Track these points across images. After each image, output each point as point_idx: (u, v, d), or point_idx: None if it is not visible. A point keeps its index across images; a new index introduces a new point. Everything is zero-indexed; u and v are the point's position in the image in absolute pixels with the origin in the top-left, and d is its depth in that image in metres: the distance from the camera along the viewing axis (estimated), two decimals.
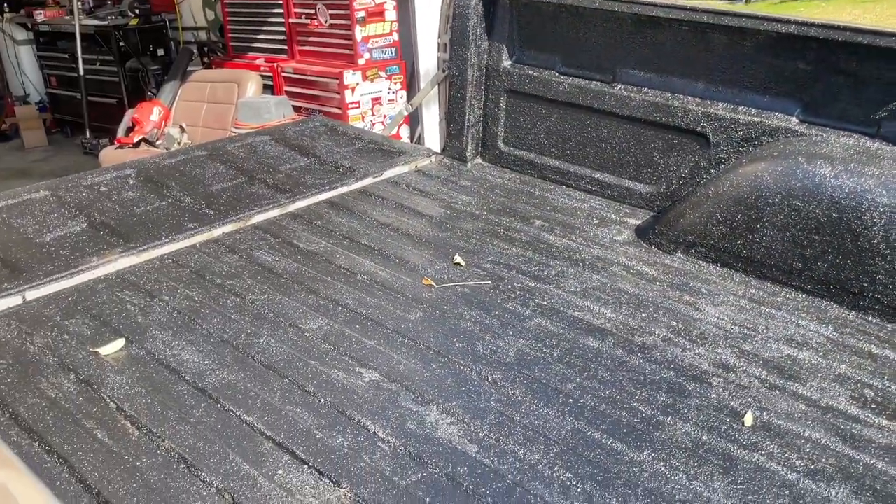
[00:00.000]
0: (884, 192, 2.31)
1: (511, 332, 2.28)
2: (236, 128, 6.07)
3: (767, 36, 2.69)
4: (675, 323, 2.33)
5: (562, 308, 2.41)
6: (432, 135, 4.19)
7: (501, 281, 2.58)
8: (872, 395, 2.01)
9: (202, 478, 1.68)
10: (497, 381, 2.05)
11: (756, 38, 2.72)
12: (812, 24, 2.56)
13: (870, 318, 2.38)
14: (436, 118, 4.01)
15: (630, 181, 3.19)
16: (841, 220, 2.37)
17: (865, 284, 2.37)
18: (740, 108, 2.83)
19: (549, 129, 3.42)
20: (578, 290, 2.52)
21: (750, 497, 1.66)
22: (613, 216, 3.10)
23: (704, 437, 1.84)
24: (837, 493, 1.68)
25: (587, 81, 3.22)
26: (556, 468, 1.74)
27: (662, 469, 1.74)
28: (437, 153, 3.78)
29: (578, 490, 1.68)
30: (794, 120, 2.72)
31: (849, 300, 2.42)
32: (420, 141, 6.31)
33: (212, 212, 3.04)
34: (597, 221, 3.06)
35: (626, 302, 2.45)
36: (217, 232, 2.91)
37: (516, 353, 2.18)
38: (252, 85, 6.48)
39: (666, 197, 3.07)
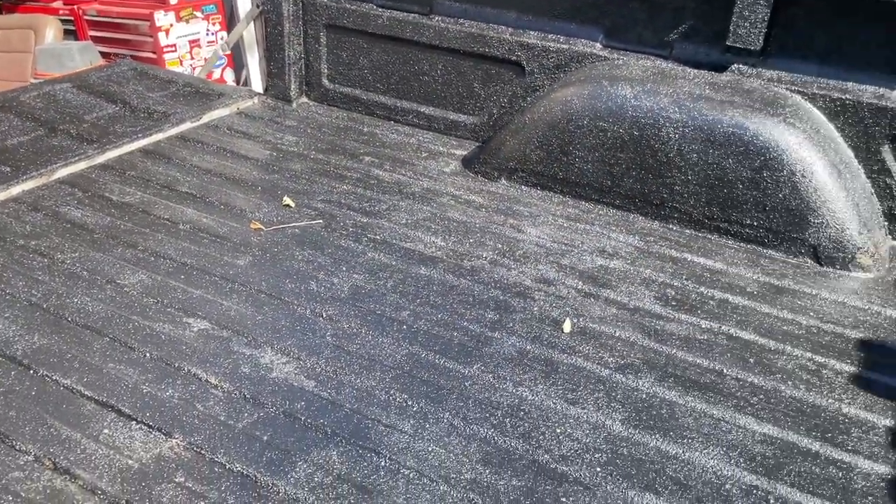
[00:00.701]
0: (676, 109, 2.51)
1: (345, 269, 2.29)
2: (36, 78, 5.52)
3: None
4: (500, 245, 2.45)
5: (394, 241, 2.45)
6: (258, 77, 4.06)
7: (333, 219, 2.57)
8: (673, 293, 2.23)
9: (17, 447, 1.58)
10: (332, 316, 2.06)
11: None
12: None
13: (670, 226, 2.61)
14: (258, 59, 3.85)
15: (455, 113, 3.25)
16: (642, 137, 2.56)
17: (665, 196, 2.59)
18: (550, 37, 2.94)
19: (372, 65, 3.39)
20: (409, 222, 2.57)
21: (569, 395, 1.81)
22: (441, 149, 3.16)
23: (528, 347, 1.97)
24: (643, 383, 1.86)
25: (405, 14, 3.21)
26: (392, 392, 1.80)
27: (491, 380, 1.85)
28: (259, 94, 3.65)
29: (414, 409, 1.75)
30: (598, 45, 2.87)
31: (652, 211, 2.63)
32: (247, 84, 6.06)
33: (8, 168, 2.78)
34: (425, 155, 3.11)
35: (455, 230, 2.53)
36: (16, 190, 2.67)
37: (350, 287, 2.20)
38: (50, 30, 5.88)
39: (489, 127, 3.17)
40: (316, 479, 1.55)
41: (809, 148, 2.39)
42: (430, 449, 1.64)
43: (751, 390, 1.85)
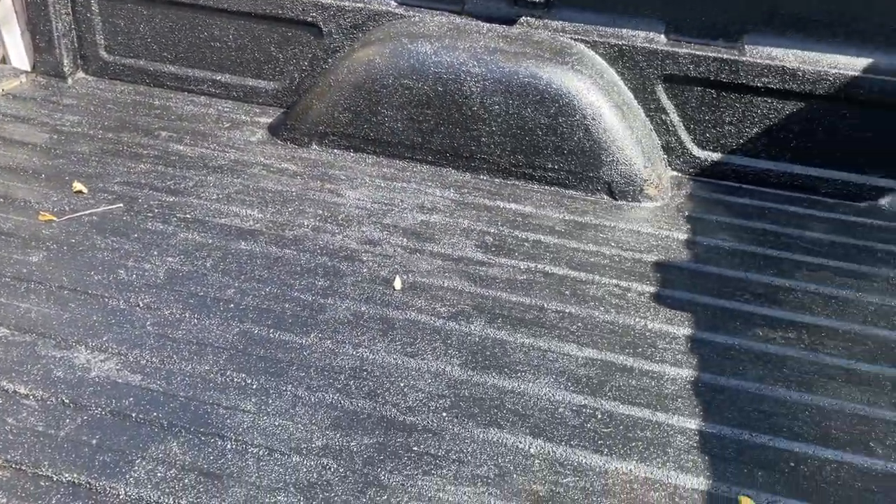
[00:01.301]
0: (475, 64, 2.59)
1: (156, 253, 2.15)
2: None
3: None
4: (320, 212, 2.42)
5: (207, 217, 2.34)
6: (20, 54, 3.60)
7: (135, 201, 2.39)
8: (491, 240, 2.34)
9: None
10: (150, 304, 1.94)
11: None
12: None
13: (481, 177, 2.72)
14: (18, 32, 3.43)
15: (253, 80, 3.13)
16: (445, 92, 2.62)
17: (474, 148, 2.69)
18: None
19: (156, 32, 3.15)
20: (221, 196, 2.46)
21: (408, 349, 1.85)
22: (244, 118, 3.03)
23: (363, 308, 1.98)
24: (475, 327, 1.95)
25: None
26: (228, 373, 1.74)
27: (330, 346, 1.84)
28: (26, 72, 3.26)
29: (254, 387, 1.71)
30: (394, 3, 2.88)
31: (463, 164, 2.73)
32: (6, 63, 5.38)
33: None
34: (227, 125, 2.97)
35: (272, 200, 2.46)
36: None
37: (166, 272, 2.07)
38: None
39: (292, 92, 3.08)
40: (158, 474, 1.47)
41: (596, 92, 2.59)
42: (276, 423, 1.61)
43: (570, 320, 2.00)
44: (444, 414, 1.67)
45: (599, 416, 1.69)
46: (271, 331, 1.88)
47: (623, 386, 1.79)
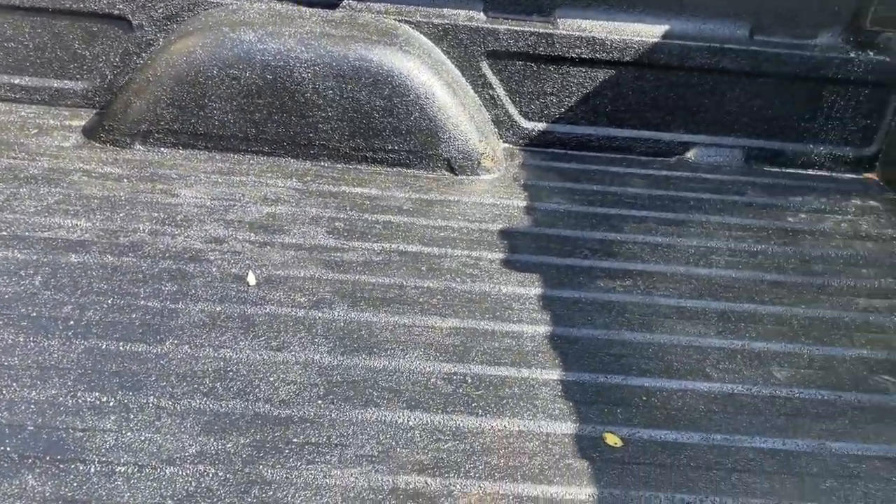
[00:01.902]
0: (304, 49, 2.56)
1: None
2: None
3: None
4: (156, 214, 2.29)
5: (27, 233, 2.14)
6: None
7: None
8: (342, 226, 2.33)
9: None
10: None
11: None
12: None
13: (322, 164, 2.69)
14: None
15: (58, 81, 2.88)
16: (276, 80, 2.57)
17: (312, 135, 2.65)
18: None
19: None
20: (40, 208, 2.26)
21: (273, 343, 1.82)
22: (52, 122, 2.79)
23: (218, 309, 1.91)
24: (338, 312, 1.95)
25: None
26: (79, 394, 1.61)
27: (188, 350, 1.76)
28: None
29: (111, 404, 1.60)
30: None
31: (302, 152, 2.68)
32: None
33: None
34: (35, 131, 2.71)
35: (99, 207, 2.29)
36: None
37: None
38: None
39: (104, 91, 2.87)
40: None
41: (427, 72, 2.64)
42: (142, 438, 1.53)
43: (429, 294, 2.05)
44: (320, 402, 1.66)
45: (470, 381, 1.76)
46: (121, 344, 1.76)
47: (487, 349, 1.87)
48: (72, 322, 1.81)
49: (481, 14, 2.82)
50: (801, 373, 1.89)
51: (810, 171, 3.05)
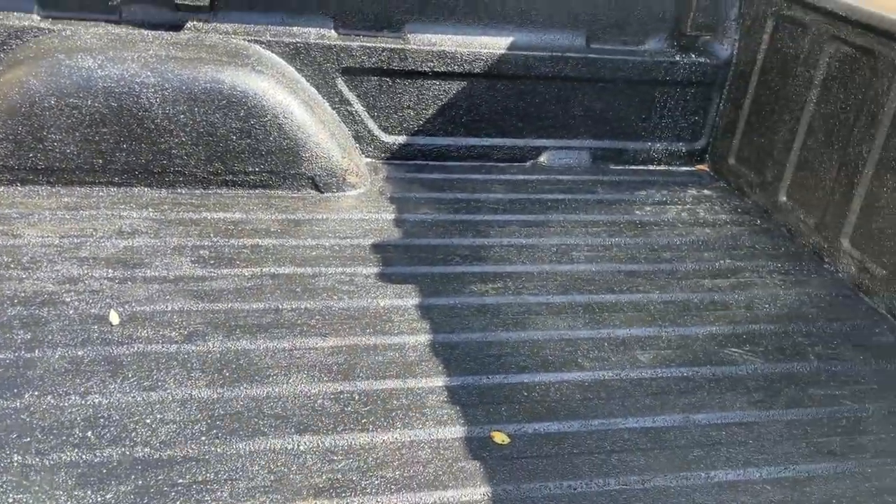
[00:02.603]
0: (150, 74, 2.46)
1: None
2: None
3: None
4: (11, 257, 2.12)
5: None
6: None
7: None
8: (207, 253, 2.26)
9: None
10: None
11: None
12: None
13: (179, 191, 2.59)
14: None
15: None
16: (121, 108, 2.45)
17: (165, 162, 2.55)
18: None
19: None
20: None
21: (146, 383, 1.73)
22: None
23: (80, 353, 1.80)
24: (213, 343, 1.88)
25: None
26: None
27: (52, 401, 1.64)
28: None
29: None
30: (36, 17, 2.60)
31: (156, 180, 2.57)
32: None
33: None
34: None
35: None
36: None
37: None
38: None
39: None
40: None
41: (282, 91, 2.62)
42: (10, 500, 1.41)
43: (307, 315, 2.03)
44: (203, 438, 1.60)
45: (357, 398, 1.76)
46: None
47: (371, 364, 1.87)
48: None
49: (333, 31, 2.83)
50: (661, 354, 2.04)
51: (650, 167, 3.29)
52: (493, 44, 2.96)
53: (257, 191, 2.66)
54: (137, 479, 1.48)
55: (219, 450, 1.58)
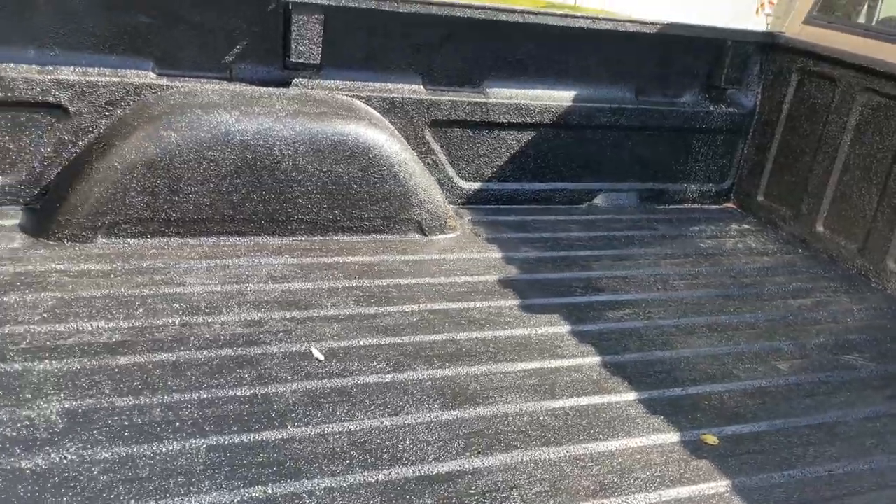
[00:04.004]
0: (282, 127, 2.58)
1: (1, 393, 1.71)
2: None
3: None
4: (176, 306, 2.16)
5: (49, 342, 1.92)
6: None
7: None
8: (361, 294, 2.38)
9: None
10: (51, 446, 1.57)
11: None
12: None
13: (299, 238, 2.70)
14: None
15: None
16: (255, 159, 2.55)
17: (290, 211, 2.65)
18: (94, 71, 2.59)
19: None
20: (44, 316, 2.03)
21: (386, 409, 1.84)
22: None
23: (309, 386, 1.88)
24: (423, 373, 2.01)
25: None
26: (242, 490, 1.53)
27: (314, 431, 1.73)
28: None
29: (277, 494, 1.54)
30: (152, 75, 2.68)
31: (279, 229, 2.67)
32: None
33: None
34: None
35: (108, 306, 2.11)
36: None
37: (60, 410, 1.68)
38: None
39: (32, 184, 2.62)
40: None
41: (394, 142, 2.79)
42: None
43: (483, 343, 2.19)
44: (467, 453, 1.72)
45: (572, 413, 1.93)
46: (244, 435, 1.68)
47: (566, 383, 2.05)
48: (177, 423, 1.69)
49: (422, 87, 3.04)
50: (793, 363, 2.32)
51: (686, 206, 3.65)
52: (559, 97, 3.25)
53: (370, 236, 2.79)
54: (433, 493, 1.59)
55: (486, 462, 1.71)
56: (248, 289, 2.31)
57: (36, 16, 2.50)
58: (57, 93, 2.54)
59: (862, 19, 3.37)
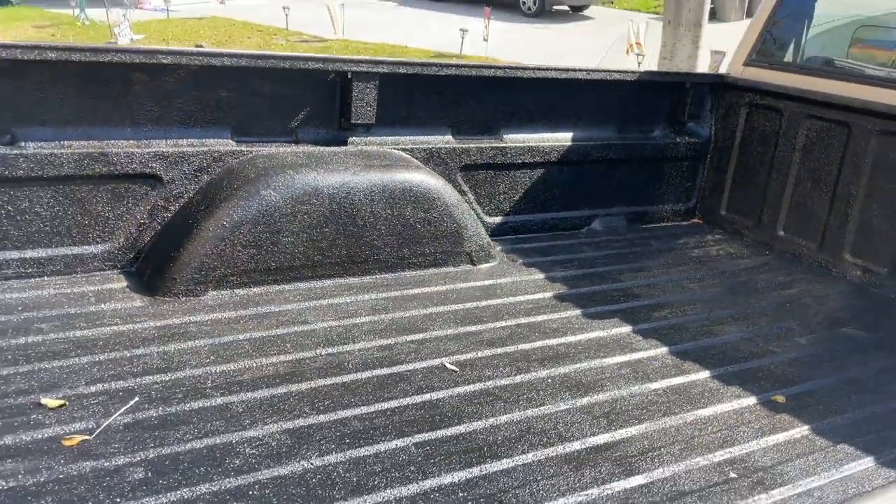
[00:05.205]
0: (359, 179, 2.94)
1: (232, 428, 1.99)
2: None
3: (188, 69, 2.81)
4: (313, 340, 2.47)
5: (231, 379, 2.19)
6: None
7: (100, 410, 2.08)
8: (457, 317, 2.76)
9: None
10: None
11: (177, 73, 2.80)
12: (228, 55, 2.84)
13: (374, 276, 3.04)
14: None
15: (77, 247, 2.77)
16: (340, 209, 2.90)
17: (368, 252, 3.00)
18: (184, 142, 2.87)
19: None
20: (211, 359, 2.28)
21: (511, 405, 2.23)
22: (94, 288, 2.68)
23: (470, 389, 2.24)
24: (542, 373, 2.41)
25: None
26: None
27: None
28: None
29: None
30: (232, 142, 2.98)
31: (357, 269, 3.01)
32: None
33: None
34: (93, 299, 2.60)
35: (256, 348, 2.39)
36: None
37: (278, 439, 1.97)
38: None
39: (128, 249, 2.84)
40: None
41: (445, 186, 3.20)
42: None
43: (583, 347, 2.62)
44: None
45: (746, 413, 2.38)
46: (429, 433, 2.02)
47: (707, 390, 2.51)
48: (380, 429, 2.01)
49: (451, 138, 3.48)
50: (809, 338, 2.88)
51: (663, 224, 4.24)
52: (560, 138, 3.78)
53: (431, 269, 3.18)
54: (604, 459, 2.00)
55: (628, 434, 2.13)
56: (362, 321, 2.64)
57: (133, 97, 2.76)
58: (153, 164, 2.80)
59: (789, 59, 4.11)
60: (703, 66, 9.65)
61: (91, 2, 16.49)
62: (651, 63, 13.20)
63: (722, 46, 11.12)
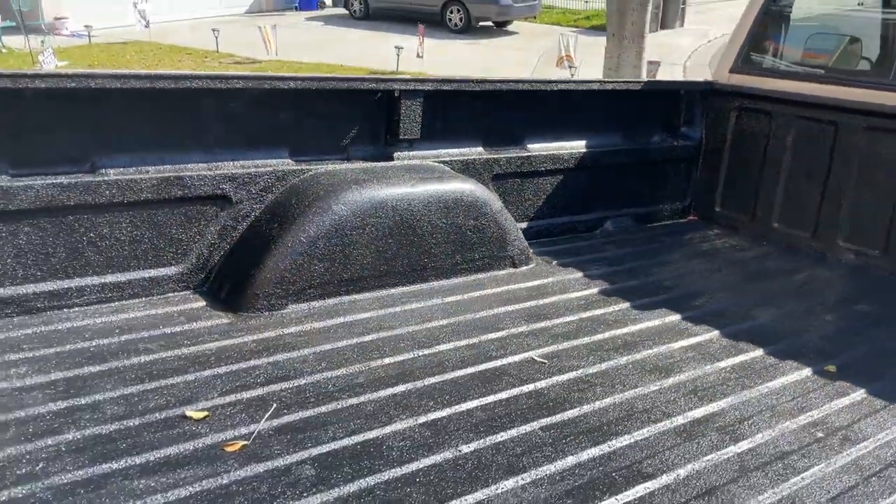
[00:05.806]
0: (416, 191, 3.10)
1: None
2: None
3: (251, 93, 2.92)
4: (406, 343, 2.61)
5: (355, 380, 2.31)
6: None
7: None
8: (525, 317, 2.94)
9: None
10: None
11: (241, 97, 2.90)
12: (292, 78, 2.97)
13: (432, 283, 3.19)
14: None
15: (153, 270, 2.82)
16: (402, 220, 3.04)
17: (426, 261, 3.16)
18: (250, 164, 2.96)
19: (19, 251, 2.54)
20: (321, 366, 2.40)
21: (603, 391, 2.43)
22: (178, 308, 2.74)
23: (566, 378, 2.43)
24: (623, 360, 2.62)
25: (64, 178, 2.59)
26: None
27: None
28: None
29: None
30: (291, 162, 3.09)
31: (417, 277, 3.15)
32: None
33: None
34: (181, 319, 2.67)
35: (359, 354, 2.51)
36: None
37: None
38: None
39: (200, 269, 2.91)
40: None
41: (491, 194, 3.39)
42: None
43: (646, 335, 2.84)
44: (678, 406, 2.36)
45: (805, 390, 2.63)
46: (544, 419, 2.20)
47: (766, 371, 2.75)
48: (495, 419, 2.17)
49: (482, 149, 3.68)
50: (833, 315, 3.19)
51: (665, 222, 4.54)
52: (577, 146, 4.02)
53: (480, 273, 3.35)
54: (702, 430, 2.22)
55: (718, 406, 2.35)
56: (440, 324, 2.80)
57: (202, 122, 2.85)
58: (223, 185, 2.88)
59: (770, 65, 4.49)
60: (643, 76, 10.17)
61: (5, 30, 15.94)
62: (582, 75, 13.77)
63: (650, 57, 11.74)
